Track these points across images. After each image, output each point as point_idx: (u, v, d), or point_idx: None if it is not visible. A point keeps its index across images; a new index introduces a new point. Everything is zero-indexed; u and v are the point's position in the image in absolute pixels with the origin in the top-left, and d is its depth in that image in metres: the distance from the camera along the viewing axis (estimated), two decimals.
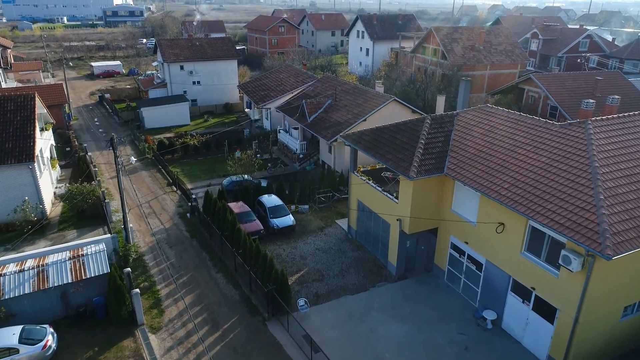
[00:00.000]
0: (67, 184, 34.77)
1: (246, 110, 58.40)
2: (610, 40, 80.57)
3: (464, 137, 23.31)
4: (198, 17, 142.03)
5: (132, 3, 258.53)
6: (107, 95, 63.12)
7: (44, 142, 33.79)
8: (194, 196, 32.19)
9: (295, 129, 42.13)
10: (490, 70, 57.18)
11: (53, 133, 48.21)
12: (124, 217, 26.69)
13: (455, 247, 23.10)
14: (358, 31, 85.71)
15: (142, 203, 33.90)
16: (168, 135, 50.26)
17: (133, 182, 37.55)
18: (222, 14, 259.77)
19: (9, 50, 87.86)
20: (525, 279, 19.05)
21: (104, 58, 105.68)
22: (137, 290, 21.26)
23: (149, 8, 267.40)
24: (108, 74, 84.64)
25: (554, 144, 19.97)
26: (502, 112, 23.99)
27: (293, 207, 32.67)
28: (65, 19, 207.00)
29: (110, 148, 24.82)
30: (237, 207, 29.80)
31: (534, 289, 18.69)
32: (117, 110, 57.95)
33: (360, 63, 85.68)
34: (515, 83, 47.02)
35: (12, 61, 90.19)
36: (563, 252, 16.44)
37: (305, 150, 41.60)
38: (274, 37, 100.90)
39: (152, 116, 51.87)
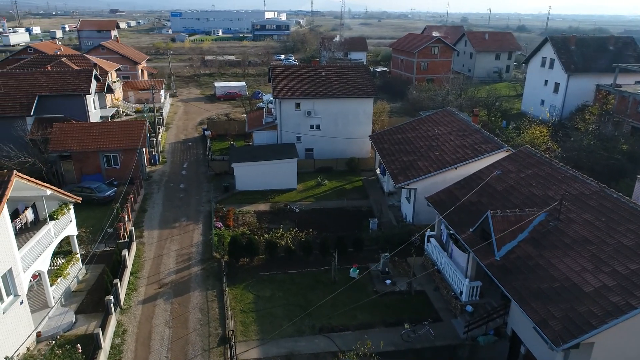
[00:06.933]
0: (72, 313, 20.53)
1: (377, 172, 40.53)
2: None
3: None
4: (338, 34, 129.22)
5: (283, 17, 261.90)
6: (208, 132, 50.74)
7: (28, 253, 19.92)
8: None
9: (460, 246, 22.83)
10: None
11: (118, 186, 36.31)
12: None
13: None
14: (544, 58, 62.17)
15: None
16: (262, 207, 34.83)
17: (171, 323, 22.06)
18: (368, 29, 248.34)
19: (139, 66, 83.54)
20: None
21: (235, 75, 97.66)
22: None
23: (299, 22, 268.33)
24: (229, 96, 74.24)
25: None
26: None
27: None
28: (220, 31, 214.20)
29: None
30: None
31: None
32: (211, 155, 44.71)
33: (543, 102, 61.99)
34: None
35: (145, 77, 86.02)
36: None
37: (478, 297, 22.02)
38: (424, 60, 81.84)
39: (245, 175, 37.04)
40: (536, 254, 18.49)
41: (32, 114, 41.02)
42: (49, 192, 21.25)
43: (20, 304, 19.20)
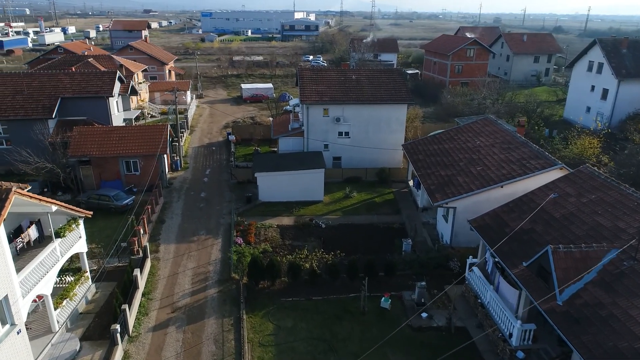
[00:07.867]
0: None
1: (410, 184, 37.71)
2: None
3: None
4: (370, 34, 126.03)
5: (313, 18, 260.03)
6: (232, 138, 48.86)
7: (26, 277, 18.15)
8: None
9: (507, 277, 19.95)
10: None
11: (138, 194, 34.72)
12: None
13: None
14: (591, 62, 57.82)
15: None
16: (286, 220, 32.55)
17: (182, 356, 19.91)
18: (398, 29, 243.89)
19: (167, 67, 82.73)
20: None
21: (262, 76, 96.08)
22: None
23: (328, 22, 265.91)
24: (256, 99, 72.43)
25: None
26: None
27: None
28: (249, 32, 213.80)
29: None
30: None
31: None
32: (235, 162, 42.76)
33: (589, 109, 57.68)
34: None
35: (173, 78, 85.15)
36: None
37: (531, 341, 19.05)
38: (459, 63, 78.24)
39: (269, 185, 34.87)
40: (609, 301, 15.49)
41: (54, 116, 40.02)
42: (54, 208, 19.48)
43: (18, 333, 17.42)
